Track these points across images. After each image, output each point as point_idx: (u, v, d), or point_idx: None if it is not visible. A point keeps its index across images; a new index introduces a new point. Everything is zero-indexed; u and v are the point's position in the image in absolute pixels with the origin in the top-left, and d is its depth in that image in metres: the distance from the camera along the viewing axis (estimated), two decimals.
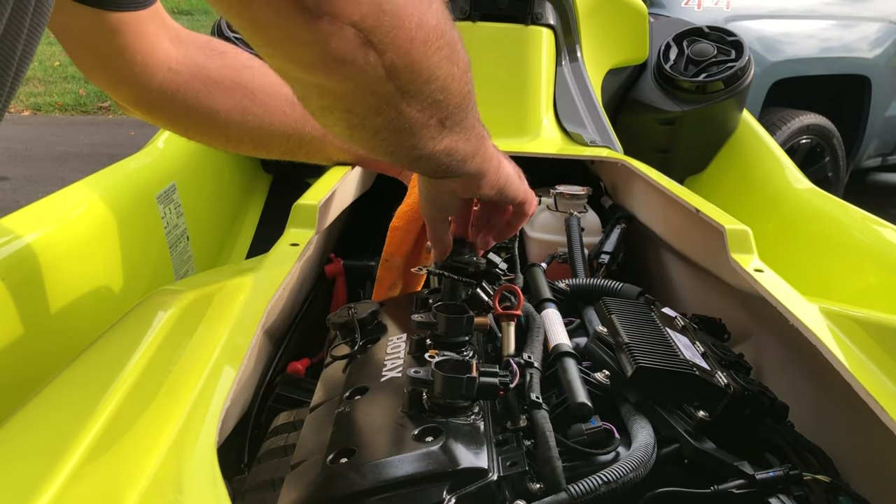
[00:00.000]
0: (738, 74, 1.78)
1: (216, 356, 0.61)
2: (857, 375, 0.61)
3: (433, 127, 0.54)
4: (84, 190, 1.04)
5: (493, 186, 0.68)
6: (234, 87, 0.80)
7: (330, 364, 0.72)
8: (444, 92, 0.51)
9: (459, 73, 0.52)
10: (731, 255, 0.86)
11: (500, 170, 0.68)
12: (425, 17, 0.45)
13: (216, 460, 0.48)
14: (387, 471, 0.49)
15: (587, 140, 1.45)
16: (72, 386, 0.54)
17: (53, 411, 0.50)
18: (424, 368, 0.56)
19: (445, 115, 0.54)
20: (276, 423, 0.68)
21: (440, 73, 0.49)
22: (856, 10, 3.47)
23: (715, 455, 0.59)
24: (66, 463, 0.42)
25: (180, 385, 0.55)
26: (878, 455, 0.64)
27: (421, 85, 0.49)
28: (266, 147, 0.87)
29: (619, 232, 1.17)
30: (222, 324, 0.67)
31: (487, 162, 0.65)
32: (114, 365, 0.55)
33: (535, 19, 1.51)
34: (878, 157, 3.84)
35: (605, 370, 0.67)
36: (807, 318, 0.71)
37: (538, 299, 0.81)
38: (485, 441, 0.52)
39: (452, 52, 0.50)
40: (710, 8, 3.10)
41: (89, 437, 0.45)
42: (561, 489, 0.51)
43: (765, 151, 1.81)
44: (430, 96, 0.50)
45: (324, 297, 1.06)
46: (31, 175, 4.30)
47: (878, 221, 1.28)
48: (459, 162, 0.61)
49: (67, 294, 0.89)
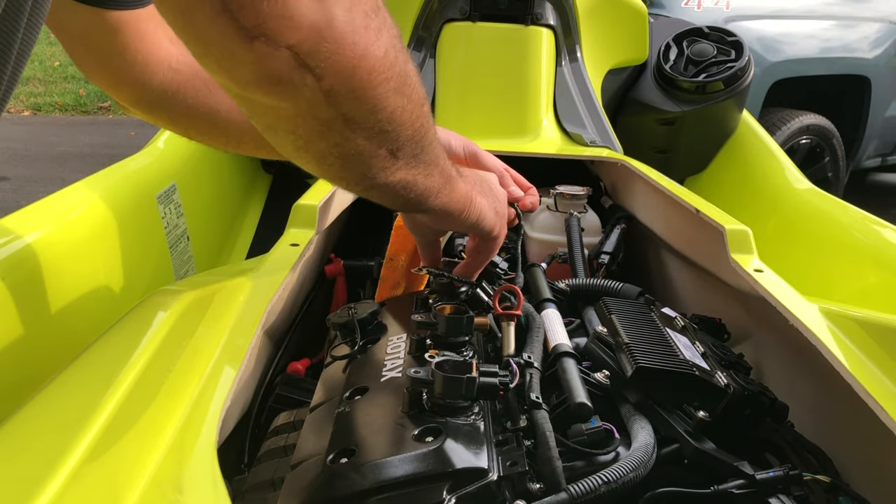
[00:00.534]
0: (738, 74, 1.78)
1: (216, 356, 0.61)
2: (857, 375, 0.61)
3: (384, 157, 0.54)
4: (84, 190, 1.04)
5: (464, 224, 0.68)
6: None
7: (330, 364, 0.72)
8: (393, 123, 0.51)
9: (412, 106, 0.52)
10: (731, 255, 0.87)
11: (470, 208, 0.68)
12: (371, 48, 0.45)
13: (216, 460, 0.48)
14: (387, 471, 0.49)
15: (587, 140, 1.45)
16: (72, 386, 0.54)
17: (53, 411, 0.50)
18: (424, 368, 0.56)
19: (396, 146, 0.54)
20: (276, 423, 0.68)
21: (387, 104, 0.49)
22: (856, 11, 3.47)
23: (715, 455, 0.59)
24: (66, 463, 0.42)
25: (180, 385, 0.55)
26: (878, 455, 0.64)
27: (366, 114, 0.49)
28: (267, 147, 0.86)
29: (619, 232, 1.17)
30: (222, 324, 0.67)
31: (455, 202, 0.65)
32: (114, 365, 0.55)
33: (535, 19, 1.51)
34: (878, 157, 3.84)
35: (605, 370, 0.67)
36: (807, 318, 0.71)
37: (538, 299, 0.81)
38: (485, 441, 0.52)
39: (403, 85, 0.50)
40: (710, 8, 3.10)
41: (89, 437, 0.45)
42: (561, 489, 0.51)
43: (765, 151, 1.81)
44: (377, 126, 0.50)
45: (324, 297, 1.06)
46: (31, 175, 4.31)
47: (878, 221, 1.28)
48: (420, 197, 0.61)
49: (67, 294, 0.89)
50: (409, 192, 0.59)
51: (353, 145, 0.51)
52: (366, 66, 0.46)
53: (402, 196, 0.59)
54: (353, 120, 0.49)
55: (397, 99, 0.50)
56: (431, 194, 0.61)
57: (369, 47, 0.45)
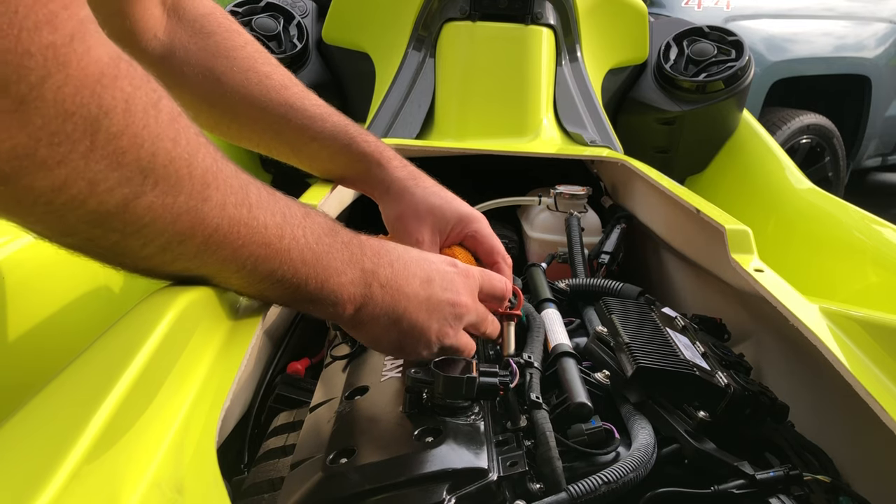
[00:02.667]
0: (738, 74, 1.78)
1: (216, 356, 0.61)
2: (857, 375, 0.61)
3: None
4: None
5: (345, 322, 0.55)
6: (205, 76, 0.75)
7: (330, 364, 0.72)
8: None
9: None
10: (731, 255, 0.86)
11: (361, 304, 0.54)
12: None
13: (216, 460, 0.48)
14: (387, 471, 0.49)
15: (587, 140, 1.45)
16: (71, 385, 0.54)
17: (53, 411, 0.50)
18: (424, 368, 0.56)
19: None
20: (276, 423, 0.68)
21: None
22: (856, 11, 3.47)
23: (715, 455, 0.59)
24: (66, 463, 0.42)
25: (180, 385, 0.55)
26: (878, 455, 0.64)
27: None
28: (235, 141, 0.84)
29: (619, 232, 1.17)
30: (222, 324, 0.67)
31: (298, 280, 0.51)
32: (114, 365, 0.55)
33: (535, 19, 1.51)
34: (878, 157, 3.84)
35: (605, 370, 0.67)
36: (807, 318, 0.71)
37: (538, 299, 0.81)
38: (485, 441, 0.52)
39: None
40: (710, 8, 3.10)
41: (89, 437, 0.45)
42: (561, 489, 0.51)
43: (765, 151, 1.81)
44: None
45: None
46: None
47: (878, 221, 1.28)
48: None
49: (67, 294, 0.89)
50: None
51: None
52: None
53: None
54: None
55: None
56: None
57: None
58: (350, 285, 0.53)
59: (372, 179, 0.85)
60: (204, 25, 0.76)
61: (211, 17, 0.77)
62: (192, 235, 0.43)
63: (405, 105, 1.50)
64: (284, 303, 0.54)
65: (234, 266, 0.47)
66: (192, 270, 0.47)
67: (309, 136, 0.82)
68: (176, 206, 0.41)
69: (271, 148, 0.85)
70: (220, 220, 0.44)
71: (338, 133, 0.82)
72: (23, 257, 0.82)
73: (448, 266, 0.61)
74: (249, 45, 0.79)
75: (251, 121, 0.79)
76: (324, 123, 0.81)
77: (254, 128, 0.80)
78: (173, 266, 0.46)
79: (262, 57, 0.79)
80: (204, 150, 0.43)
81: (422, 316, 0.57)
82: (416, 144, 1.32)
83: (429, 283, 0.58)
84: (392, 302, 0.55)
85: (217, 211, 0.44)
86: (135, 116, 0.37)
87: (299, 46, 1.74)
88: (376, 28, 1.67)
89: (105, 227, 0.39)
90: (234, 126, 0.80)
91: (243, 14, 1.77)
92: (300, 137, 0.82)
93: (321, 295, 0.52)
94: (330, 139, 0.82)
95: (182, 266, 0.46)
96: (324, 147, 0.83)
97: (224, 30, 0.77)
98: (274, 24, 1.76)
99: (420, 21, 1.55)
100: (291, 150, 0.85)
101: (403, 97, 1.51)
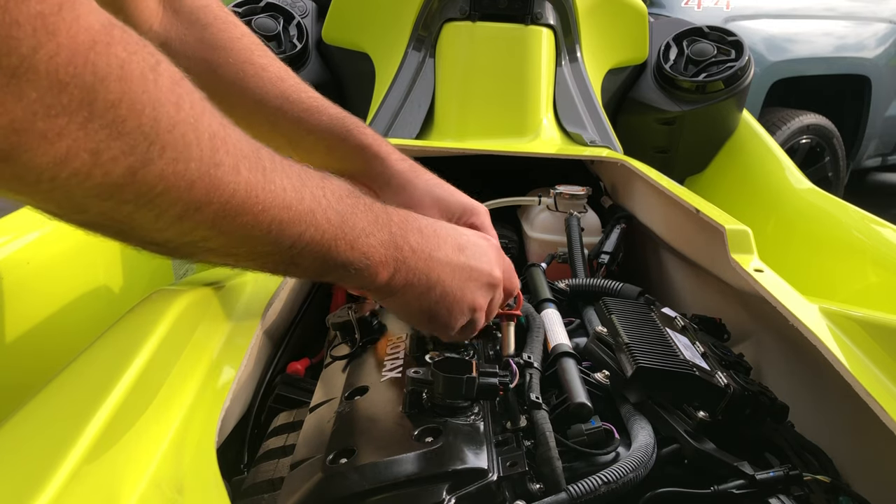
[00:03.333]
0: (738, 74, 1.78)
1: (216, 356, 0.61)
2: (857, 375, 0.61)
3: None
4: None
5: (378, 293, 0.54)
6: (201, 68, 0.74)
7: (330, 364, 0.72)
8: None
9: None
10: (731, 255, 0.86)
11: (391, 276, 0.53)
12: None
13: (216, 460, 0.48)
14: (387, 471, 0.49)
15: (587, 140, 1.45)
16: (71, 386, 0.54)
17: (53, 411, 0.50)
18: (424, 368, 0.56)
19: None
20: (276, 423, 0.68)
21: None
22: (856, 11, 3.47)
23: (715, 455, 0.59)
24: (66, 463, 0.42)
25: (180, 385, 0.55)
26: (878, 455, 0.64)
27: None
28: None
29: (619, 232, 1.17)
30: (222, 324, 0.67)
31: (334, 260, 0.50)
32: (114, 365, 0.55)
33: (534, 19, 1.51)
34: (878, 157, 3.84)
35: (605, 370, 0.67)
36: (807, 318, 0.71)
37: (538, 299, 0.81)
38: (485, 441, 0.52)
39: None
40: (710, 8, 3.10)
41: (89, 437, 0.45)
42: (561, 489, 0.51)
43: (765, 151, 1.81)
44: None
45: (324, 297, 1.06)
46: None
47: (878, 221, 1.28)
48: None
49: (67, 294, 0.89)
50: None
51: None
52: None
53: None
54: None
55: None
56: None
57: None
58: (381, 247, 0.51)
59: (371, 172, 0.84)
60: (200, 17, 0.75)
61: (207, 9, 0.76)
62: (209, 202, 0.42)
63: (405, 105, 1.50)
64: (315, 273, 0.51)
65: (258, 233, 0.45)
66: (211, 241, 0.45)
67: (305, 129, 0.81)
68: (188, 172, 0.40)
69: (268, 141, 0.83)
70: (237, 185, 0.43)
71: (335, 125, 0.81)
72: (23, 257, 0.82)
73: (480, 238, 0.60)
74: (246, 36, 0.78)
75: (247, 113, 0.79)
76: (320, 116, 0.81)
77: (250, 120, 0.80)
78: (192, 235, 0.43)
79: (258, 49, 0.78)
80: (209, 115, 0.42)
81: (456, 283, 0.56)
82: (415, 144, 1.32)
83: (461, 251, 0.57)
84: (425, 268, 0.54)
85: (231, 175, 0.42)
86: (132, 82, 0.36)
87: (299, 46, 1.74)
88: (376, 28, 1.67)
89: (116, 199, 0.38)
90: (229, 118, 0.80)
91: (243, 14, 1.77)
92: (297, 130, 0.81)
93: (352, 258, 0.50)
94: (327, 132, 0.81)
95: (200, 235, 0.44)
96: (321, 140, 0.83)
97: (220, 21, 0.76)
98: (274, 24, 1.76)
99: (420, 21, 1.55)
100: (288, 142, 0.85)
101: (403, 97, 1.51)
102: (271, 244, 0.46)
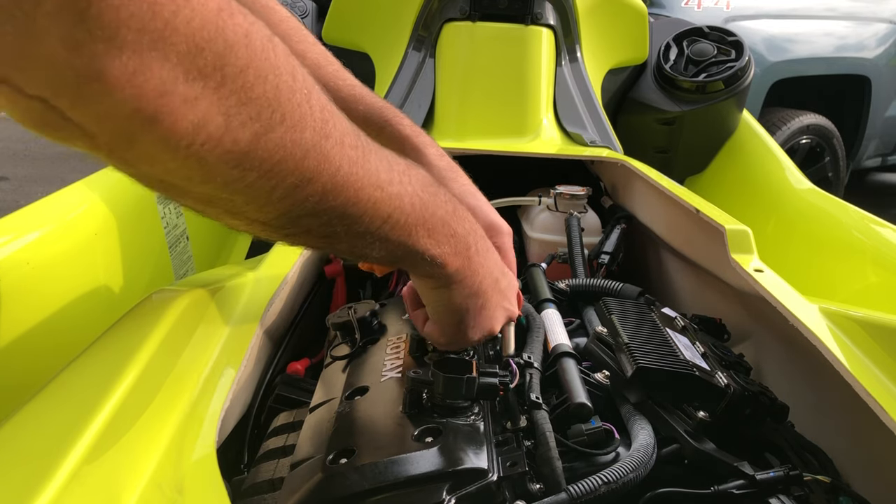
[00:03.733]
0: (738, 74, 1.78)
1: (216, 356, 0.61)
2: (857, 375, 0.61)
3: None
4: (84, 190, 1.04)
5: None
6: None
7: (330, 364, 0.72)
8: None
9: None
10: (731, 255, 0.86)
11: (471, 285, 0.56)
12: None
13: (216, 460, 0.48)
14: (387, 471, 0.49)
15: (587, 140, 1.45)
16: (72, 386, 0.54)
17: (53, 411, 0.50)
18: (424, 368, 0.56)
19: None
20: (276, 423, 0.68)
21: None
22: (856, 11, 3.47)
23: (715, 455, 0.59)
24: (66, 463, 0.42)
25: (180, 385, 0.55)
26: (878, 455, 0.64)
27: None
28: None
29: (619, 232, 1.17)
30: (222, 324, 0.67)
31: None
32: (114, 365, 0.55)
33: (534, 19, 1.51)
34: (878, 157, 3.84)
35: (605, 370, 0.67)
36: (807, 318, 0.71)
37: (538, 299, 0.81)
38: (485, 441, 0.52)
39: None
40: (710, 8, 3.10)
41: (89, 437, 0.45)
42: (561, 489, 0.51)
43: (765, 151, 1.81)
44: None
45: (324, 297, 1.06)
46: (31, 175, 4.31)
47: (878, 221, 1.28)
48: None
49: (68, 294, 0.89)
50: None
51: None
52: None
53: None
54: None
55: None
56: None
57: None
58: (454, 240, 0.52)
59: None
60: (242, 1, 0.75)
61: None
62: (319, 174, 0.43)
63: (405, 105, 1.50)
64: (391, 258, 0.52)
65: (354, 212, 0.46)
66: (312, 219, 0.45)
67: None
68: (303, 141, 0.41)
69: None
70: (341, 160, 0.44)
71: (373, 115, 0.79)
72: (23, 257, 0.82)
73: (509, 270, 0.62)
74: (285, 21, 0.77)
75: None
76: (357, 105, 0.78)
77: None
78: (299, 209, 0.44)
79: (297, 34, 0.77)
80: (317, 88, 0.43)
81: (493, 301, 0.58)
82: None
83: (503, 275, 0.59)
84: (479, 275, 0.55)
85: (337, 149, 0.43)
86: (255, 50, 0.38)
87: None
88: (376, 28, 1.67)
89: (242, 167, 0.39)
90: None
91: None
92: None
93: (428, 245, 0.51)
94: (364, 121, 0.78)
95: (307, 209, 0.44)
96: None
97: (259, 5, 0.75)
98: None
99: (420, 21, 1.55)
100: None
101: (403, 97, 1.51)
102: (365, 224, 0.47)
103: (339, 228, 0.46)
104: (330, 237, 0.47)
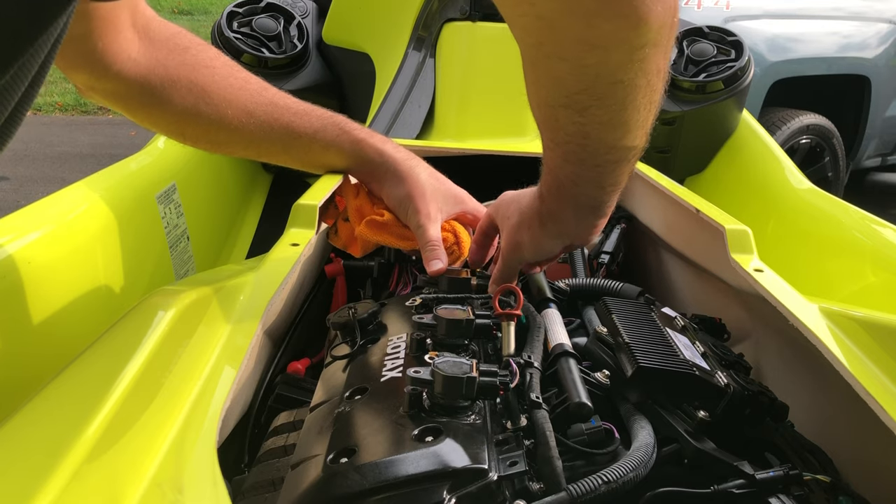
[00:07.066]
0: (738, 74, 1.78)
1: (216, 356, 0.61)
2: (857, 375, 0.61)
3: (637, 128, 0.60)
4: (84, 190, 1.04)
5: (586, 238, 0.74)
6: (190, 87, 0.79)
7: (330, 364, 0.72)
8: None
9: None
10: (731, 255, 0.86)
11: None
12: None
13: (216, 460, 0.48)
14: (387, 471, 0.49)
15: None
16: (72, 386, 0.54)
17: (53, 411, 0.50)
18: (424, 368, 0.56)
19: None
20: (276, 423, 0.68)
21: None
22: (856, 11, 3.47)
23: (715, 455, 0.59)
24: (66, 463, 0.42)
25: (180, 385, 0.55)
26: (878, 455, 0.64)
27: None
28: (223, 149, 0.89)
29: (619, 232, 1.17)
30: (222, 324, 0.67)
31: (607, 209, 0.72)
32: (113, 365, 0.55)
33: None
34: (878, 157, 3.85)
35: (605, 370, 0.67)
36: (807, 318, 0.71)
37: (538, 299, 0.81)
38: (485, 441, 0.52)
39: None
40: (710, 8, 3.10)
41: (90, 437, 0.45)
42: (561, 489, 0.51)
43: (765, 151, 1.81)
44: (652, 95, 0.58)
45: (324, 297, 1.06)
46: (31, 175, 4.31)
47: (877, 221, 1.28)
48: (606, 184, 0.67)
49: (67, 294, 0.89)
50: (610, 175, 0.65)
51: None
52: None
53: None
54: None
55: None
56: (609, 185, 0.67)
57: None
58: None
59: (370, 165, 0.87)
60: (177, 43, 0.79)
61: (181, 35, 0.81)
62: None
63: (405, 105, 1.50)
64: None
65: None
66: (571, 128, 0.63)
67: (298, 132, 0.85)
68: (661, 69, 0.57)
69: (261, 149, 0.87)
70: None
71: (326, 124, 0.86)
72: (24, 257, 0.82)
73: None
74: (221, 56, 0.84)
75: (240, 124, 0.82)
76: (310, 117, 0.86)
77: (243, 132, 0.83)
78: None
79: (235, 66, 0.85)
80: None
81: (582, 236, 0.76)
82: (416, 144, 1.32)
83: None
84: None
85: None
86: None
87: (299, 47, 1.74)
88: (376, 28, 1.67)
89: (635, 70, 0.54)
90: (222, 133, 0.83)
91: (243, 14, 1.77)
92: (289, 133, 0.85)
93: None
94: (320, 130, 0.86)
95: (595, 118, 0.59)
96: (314, 140, 0.86)
97: (196, 44, 0.81)
98: (274, 25, 1.76)
99: (420, 21, 1.55)
100: (283, 147, 0.87)
101: (403, 97, 1.51)
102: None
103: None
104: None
